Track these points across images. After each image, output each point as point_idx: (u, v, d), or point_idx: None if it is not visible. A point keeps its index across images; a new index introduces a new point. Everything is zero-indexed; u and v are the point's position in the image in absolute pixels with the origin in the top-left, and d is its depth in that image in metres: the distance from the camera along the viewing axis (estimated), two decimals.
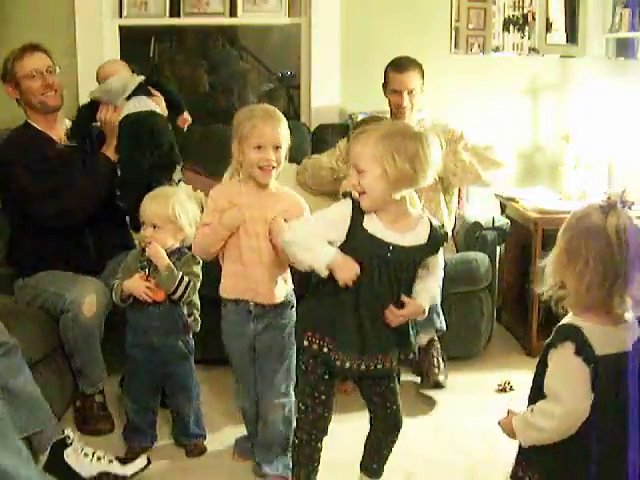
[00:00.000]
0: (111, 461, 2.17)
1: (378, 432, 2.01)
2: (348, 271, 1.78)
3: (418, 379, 2.86)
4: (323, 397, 1.93)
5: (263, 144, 2.00)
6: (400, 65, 3.04)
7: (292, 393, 2.19)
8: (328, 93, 3.52)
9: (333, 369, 1.88)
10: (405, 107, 3.02)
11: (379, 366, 1.85)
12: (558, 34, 3.64)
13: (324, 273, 1.79)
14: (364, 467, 2.06)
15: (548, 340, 1.50)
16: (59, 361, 2.51)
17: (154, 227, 2.27)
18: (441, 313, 2.74)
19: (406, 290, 1.85)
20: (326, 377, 1.91)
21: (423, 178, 1.76)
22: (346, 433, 2.05)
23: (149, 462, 2.21)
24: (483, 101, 3.57)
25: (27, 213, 2.60)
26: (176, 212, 2.25)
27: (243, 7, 3.63)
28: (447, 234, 1.89)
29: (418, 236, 1.83)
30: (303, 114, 3.72)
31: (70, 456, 2.14)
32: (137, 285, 2.27)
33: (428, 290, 1.89)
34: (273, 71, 4.84)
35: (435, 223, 1.87)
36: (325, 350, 1.85)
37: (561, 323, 1.50)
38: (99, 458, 2.16)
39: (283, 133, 2.04)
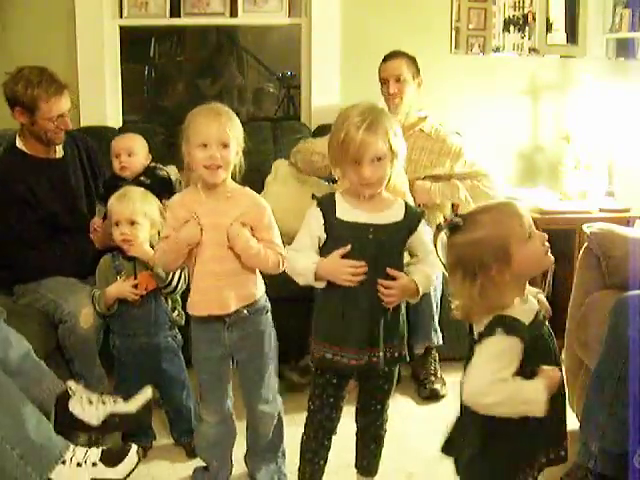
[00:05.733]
0: (115, 401, 2.16)
1: (362, 426, 2.02)
2: (335, 270, 1.81)
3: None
4: (331, 399, 1.94)
5: (207, 142, 1.87)
6: (387, 55, 3.08)
7: (279, 399, 2.14)
8: (328, 93, 3.52)
9: (340, 370, 1.89)
10: (393, 94, 3.00)
11: (374, 358, 1.85)
12: (558, 34, 3.64)
13: (322, 285, 1.84)
14: (357, 466, 2.08)
15: None
16: (59, 361, 2.50)
17: (132, 224, 2.26)
18: (439, 329, 2.75)
19: (391, 279, 1.84)
20: (334, 381, 1.92)
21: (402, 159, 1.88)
22: (348, 433, 2.05)
23: (149, 404, 2.21)
24: (483, 101, 3.57)
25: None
26: (146, 207, 2.28)
27: (243, 7, 3.63)
28: (424, 212, 1.91)
29: (395, 214, 1.86)
30: (303, 114, 3.72)
31: (75, 407, 2.12)
32: (122, 288, 2.26)
33: (421, 271, 1.87)
34: (273, 71, 4.85)
35: (410, 204, 1.91)
36: (329, 356, 1.86)
37: None
38: (104, 402, 2.14)
39: (231, 131, 1.89)
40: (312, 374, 1.97)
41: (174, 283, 2.26)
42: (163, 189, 2.59)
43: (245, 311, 2.01)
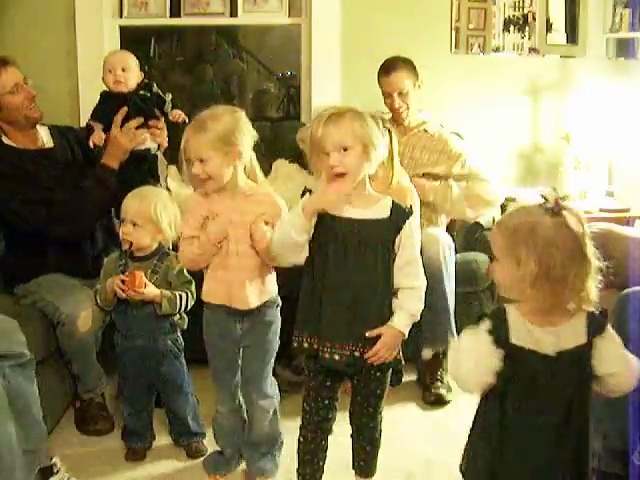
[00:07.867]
0: None
1: (356, 429, 2.01)
2: (322, 192, 1.80)
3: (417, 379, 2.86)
4: (326, 401, 1.93)
5: (189, 157, 1.95)
6: (386, 68, 3.02)
7: (276, 392, 2.18)
8: (328, 93, 3.52)
9: (324, 364, 1.87)
10: (398, 108, 3.00)
11: (356, 354, 1.84)
12: (558, 34, 3.64)
13: (313, 221, 1.81)
14: (355, 467, 2.07)
15: None
16: (60, 362, 2.50)
17: (134, 225, 2.25)
18: (455, 331, 2.73)
19: (377, 277, 1.84)
20: (328, 383, 1.92)
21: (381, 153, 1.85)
22: (347, 433, 2.04)
23: None
24: (483, 101, 3.57)
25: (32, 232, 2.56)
26: (158, 212, 2.24)
27: (243, 7, 3.63)
28: (411, 210, 1.89)
29: (380, 210, 1.86)
30: (303, 114, 3.72)
31: None
32: (112, 280, 2.25)
33: (405, 308, 1.86)
34: (273, 71, 4.85)
35: (397, 201, 1.89)
36: (315, 346, 1.86)
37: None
38: None
39: (211, 144, 1.91)
40: (304, 375, 1.96)
41: (182, 309, 2.28)
42: (159, 104, 2.65)
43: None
